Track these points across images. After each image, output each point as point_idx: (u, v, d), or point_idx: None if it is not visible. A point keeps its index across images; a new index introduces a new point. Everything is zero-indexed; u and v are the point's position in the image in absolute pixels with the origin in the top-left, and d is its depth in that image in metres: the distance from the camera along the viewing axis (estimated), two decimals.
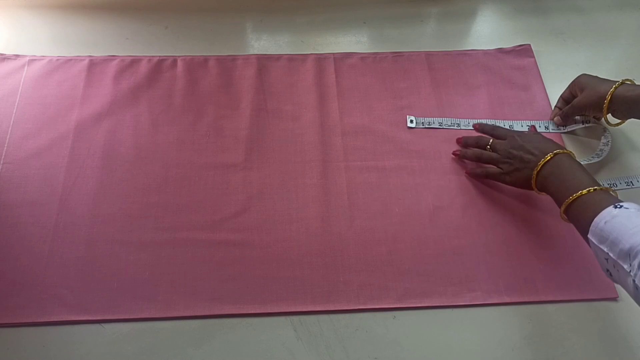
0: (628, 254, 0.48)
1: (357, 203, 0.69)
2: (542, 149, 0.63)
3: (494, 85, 0.81)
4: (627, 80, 0.68)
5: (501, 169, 0.67)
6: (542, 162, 0.61)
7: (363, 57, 0.83)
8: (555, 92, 0.80)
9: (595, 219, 0.52)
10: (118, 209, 0.67)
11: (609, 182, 0.70)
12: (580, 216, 0.56)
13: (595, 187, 0.56)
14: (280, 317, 0.61)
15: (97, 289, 0.61)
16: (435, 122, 0.76)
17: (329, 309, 0.61)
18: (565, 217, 0.59)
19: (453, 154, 0.73)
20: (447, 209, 0.69)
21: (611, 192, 0.56)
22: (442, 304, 0.62)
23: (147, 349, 0.58)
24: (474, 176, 0.71)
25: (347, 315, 0.61)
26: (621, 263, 0.49)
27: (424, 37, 0.87)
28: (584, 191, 0.56)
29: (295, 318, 0.61)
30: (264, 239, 0.66)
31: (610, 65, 0.84)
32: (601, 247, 0.51)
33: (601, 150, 0.73)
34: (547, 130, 0.76)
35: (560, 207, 0.58)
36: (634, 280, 0.47)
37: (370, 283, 0.63)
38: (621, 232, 0.49)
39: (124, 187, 0.69)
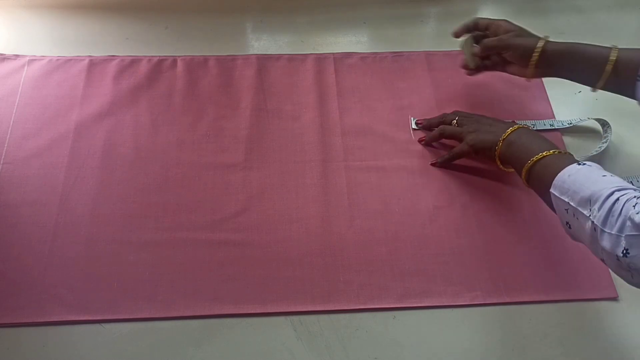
0: (588, 200, 0.50)
1: (357, 203, 0.69)
2: (507, 124, 0.67)
3: (494, 85, 0.81)
4: (546, 36, 0.68)
5: (465, 141, 0.68)
6: (509, 130, 0.64)
7: (363, 57, 0.83)
8: (555, 92, 0.80)
9: (559, 174, 0.54)
10: (118, 208, 0.67)
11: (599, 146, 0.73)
12: (543, 175, 0.57)
13: (557, 151, 0.58)
14: (280, 317, 0.61)
15: (97, 289, 0.61)
16: None
17: (329, 308, 0.61)
18: (526, 182, 0.61)
19: (419, 141, 0.74)
20: (447, 209, 0.69)
21: (573, 156, 0.58)
22: (442, 304, 0.62)
23: (147, 349, 0.58)
24: (441, 165, 0.72)
25: (347, 315, 0.61)
26: (581, 209, 0.51)
27: (424, 37, 0.87)
28: (549, 152, 0.58)
29: (295, 318, 0.61)
30: (264, 239, 0.66)
31: None
32: (562, 197, 0.53)
33: (599, 147, 0.73)
34: (552, 127, 0.76)
35: (522, 171, 0.60)
36: (592, 222, 0.49)
37: (370, 283, 0.63)
38: (583, 183, 0.52)
39: (124, 187, 0.69)
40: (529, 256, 0.65)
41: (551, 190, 0.55)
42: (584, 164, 0.54)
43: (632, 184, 0.69)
